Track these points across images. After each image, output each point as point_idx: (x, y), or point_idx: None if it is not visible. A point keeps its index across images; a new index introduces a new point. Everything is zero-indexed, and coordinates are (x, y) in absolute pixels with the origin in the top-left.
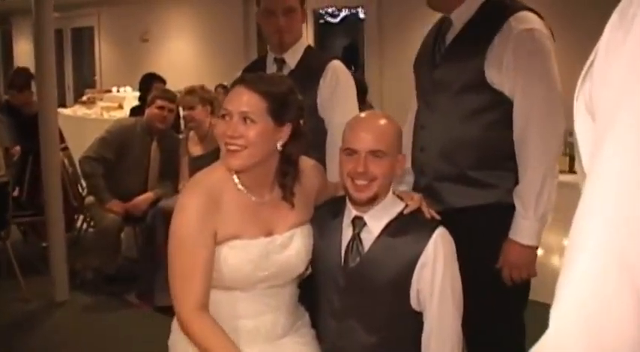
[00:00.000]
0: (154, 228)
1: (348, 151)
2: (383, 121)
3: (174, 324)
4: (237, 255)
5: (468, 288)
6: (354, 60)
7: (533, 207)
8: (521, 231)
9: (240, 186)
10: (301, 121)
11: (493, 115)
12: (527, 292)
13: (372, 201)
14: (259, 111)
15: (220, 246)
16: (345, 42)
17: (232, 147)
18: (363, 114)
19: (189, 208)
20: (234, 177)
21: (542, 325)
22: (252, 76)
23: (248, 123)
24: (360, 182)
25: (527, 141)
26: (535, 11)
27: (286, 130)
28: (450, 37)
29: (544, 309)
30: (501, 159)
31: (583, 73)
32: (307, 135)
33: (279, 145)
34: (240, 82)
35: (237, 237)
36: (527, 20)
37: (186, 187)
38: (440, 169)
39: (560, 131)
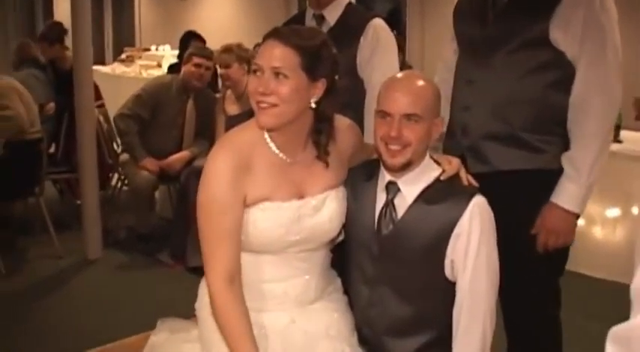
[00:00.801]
0: (188, 188)
1: (382, 114)
2: (420, 83)
3: (202, 288)
4: (268, 218)
5: (505, 252)
6: (397, 23)
7: (587, 174)
8: (568, 195)
9: (272, 146)
10: (336, 77)
11: (552, 75)
12: (565, 260)
13: (406, 167)
14: (292, 66)
15: (250, 208)
16: (389, 5)
17: (264, 105)
18: (399, 75)
19: (219, 169)
20: (266, 136)
21: (579, 296)
22: (285, 28)
23: (280, 79)
24: (394, 147)
25: (588, 107)
26: None
27: (320, 86)
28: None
29: (582, 281)
30: (553, 123)
31: None
32: (342, 92)
33: (312, 102)
34: (271, 35)
35: (268, 199)
36: None
37: (216, 147)
38: (490, 129)
39: (619, 100)
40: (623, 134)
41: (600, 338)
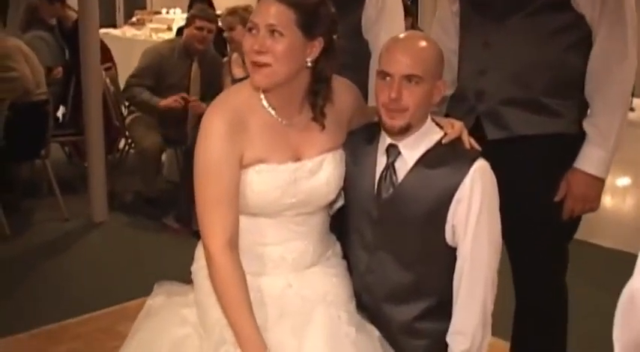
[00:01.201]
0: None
1: (382, 74)
2: (423, 43)
3: (199, 251)
4: (264, 181)
5: (519, 216)
6: None
7: (613, 138)
8: (595, 161)
9: (267, 107)
10: (334, 36)
11: (572, 37)
12: (576, 226)
13: (405, 130)
14: (287, 24)
15: (246, 170)
16: None
17: (259, 63)
18: (402, 35)
19: (214, 130)
20: (262, 96)
21: (587, 264)
22: None
23: (276, 36)
24: (392, 107)
25: (610, 72)
26: None
27: (317, 45)
28: None
29: (591, 249)
30: (572, 87)
31: None
32: (346, 53)
33: (309, 61)
34: None
35: (263, 161)
36: None
37: (210, 108)
38: (509, 93)
39: (636, 66)
40: (635, 102)
41: (606, 306)
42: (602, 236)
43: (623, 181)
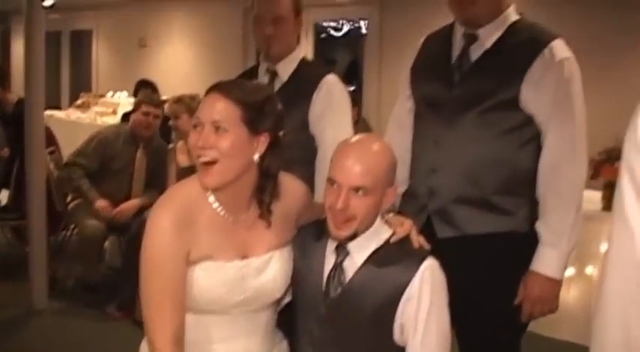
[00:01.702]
0: (138, 238)
1: (331, 181)
2: (375, 150)
3: (143, 347)
4: (210, 278)
5: (472, 313)
6: (355, 75)
7: (567, 238)
8: (550, 262)
9: (215, 204)
10: (280, 132)
11: (523, 137)
12: (528, 322)
13: (352, 238)
14: (232, 120)
15: (192, 267)
16: (348, 56)
17: (204, 159)
18: (354, 139)
19: (160, 227)
20: (210, 193)
21: None
22: (227, 82)
23: (220, 133)
24: (339, 218)
25: (561, 172)
26: None
27: (263, 140)
28: (476, 53)
29: (538, 341)
30: (523, 185)
31: None
32: (294, 147)
33: (255, 157)
34: (213, 88)
35: (210, 259)
36: (565, 49)
37: (157, 204)
38: (460, 192)
39: (587, 165)
40: None
41: None
42: (547, 327)
43: (568, 272)
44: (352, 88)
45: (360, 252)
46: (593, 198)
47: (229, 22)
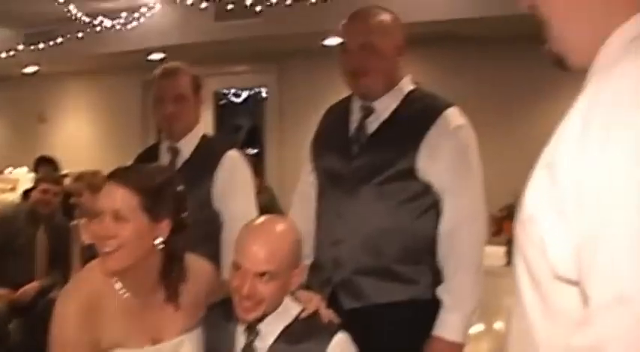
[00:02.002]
0: (43, 320)
1: (236, 265)
2: (279, 233)
3: None
4: None
5: None
6: (256, 140)
7: (467, 303)
8: (451, 327)
9: (121, 290)
10: (184, 214)
11: (422, 205)
12: None
13: (259, 320)
14: (131, 208)
15: None
16: (248, 121)
17: (106, 249)
18: (258, 222)
19: (66, 317)
20: (114, 279)
21: None
22: (123, 169)
23: (121, 222)
24: (246, 303)
25: (459, 237)
26: None
27: (164, 226)
28: (373, 125)
29: None
30: (424, 253)
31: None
32: (198, 225)
33: (158, 242)
34: (110, 176)
35: (120, 346)
36: (460, 116)
37: (63, 292)
38: (362, 263)
39: (487, 225)
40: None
41: None
42: None
43: (477, 328)
44: (255, 152)
45: (270, 331)
46: (497, 253)
47: (128, 95)
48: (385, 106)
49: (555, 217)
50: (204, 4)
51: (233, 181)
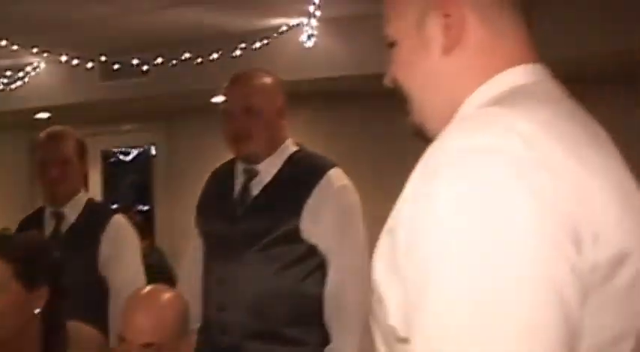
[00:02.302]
0: None
1: (121, 338)
2: (163, 303)
3: None
4: None
5: None
6: (146, 198)
7: None
8: None
9: None
10: (63, 281)
11: (308, 267)
12: None
13: None
14: (5, 279)
15: None
16: (137, 180)
17: None
18: (143, 293)
19: None
20: None
21: None
22: None
23: None
24: None
25: (344, 298)
26: None
27: (43, 293)
28: (257, 188)
29: None
30: (312, 314)
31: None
32: (83, 291)
33: (36, 311)
34: None
35: None
36: (343, 176)
37: None
38: (250, 327)
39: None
40: None
41: None
42: None
43: None
44: (146, 208)
45: None
46: None
47: (15, 155)
48: (268, 168)
49: (394, 280)
50: (89, 64)
51: (119, 247)
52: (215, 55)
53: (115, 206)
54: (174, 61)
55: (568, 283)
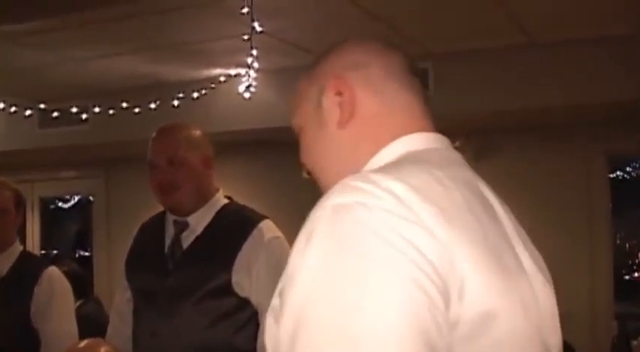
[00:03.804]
0: None
1: None
2: None
3: None
4: None
5: None
6: (85, 244)
7: None
8: None
9: None
10: None
11: (239, 320)
12: None
13: None
14: None
15: None
16: (76, 226)
17: None
18: (79, 347)
19: None
20: None
21: None
22: None
23: None
24: None
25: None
26: None
27: None
28: (188, 240)
29: None
30: None
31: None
32: (15, 344)
33: None
34: None
35: None
36: (274, 228)
37: None
38: None
39: None
40: None
41: None
42: None
43: None
44: (87, 254)
45: None
46: None
47: None
48: (199, 221)
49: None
50: (28, 112)
51: (52, 299)
52: (153, 105)
53: (55, 252)
54: (112, 110)
55: (432, 330)
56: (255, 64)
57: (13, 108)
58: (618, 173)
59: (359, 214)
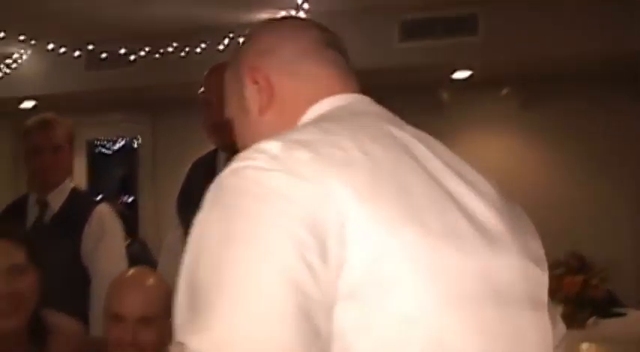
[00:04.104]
0: None
1: (114, 317)
2: (152, 281)
3: None
4: None
5: None
6: (131, 188)
7: None
8: None
9: None
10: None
11: None
12: None
13: None
14: (26, 262)
15: None
16: (122, 171)
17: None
18: (129, 274)
19: None
20: None
21: None
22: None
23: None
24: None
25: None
26: None
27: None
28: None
29: None
30: None
31: None
32: (66, 281)
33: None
34: None
35: None
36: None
37: None
38: None
39: None
40: None
41: None
42: None
43: None
44: (131, 199)
45: None
46: None
47: None
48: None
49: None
50: (76, 53)
51: (103, 238)
52: (200, 48)
53: (99, 197)
54: (160, 51)
55: (305, 278)
56: (306, 5)
57: (61, 50)
58: None
59: (229, 179)
